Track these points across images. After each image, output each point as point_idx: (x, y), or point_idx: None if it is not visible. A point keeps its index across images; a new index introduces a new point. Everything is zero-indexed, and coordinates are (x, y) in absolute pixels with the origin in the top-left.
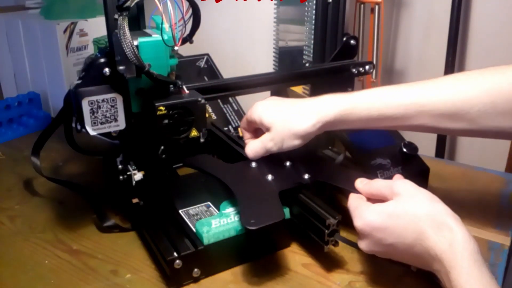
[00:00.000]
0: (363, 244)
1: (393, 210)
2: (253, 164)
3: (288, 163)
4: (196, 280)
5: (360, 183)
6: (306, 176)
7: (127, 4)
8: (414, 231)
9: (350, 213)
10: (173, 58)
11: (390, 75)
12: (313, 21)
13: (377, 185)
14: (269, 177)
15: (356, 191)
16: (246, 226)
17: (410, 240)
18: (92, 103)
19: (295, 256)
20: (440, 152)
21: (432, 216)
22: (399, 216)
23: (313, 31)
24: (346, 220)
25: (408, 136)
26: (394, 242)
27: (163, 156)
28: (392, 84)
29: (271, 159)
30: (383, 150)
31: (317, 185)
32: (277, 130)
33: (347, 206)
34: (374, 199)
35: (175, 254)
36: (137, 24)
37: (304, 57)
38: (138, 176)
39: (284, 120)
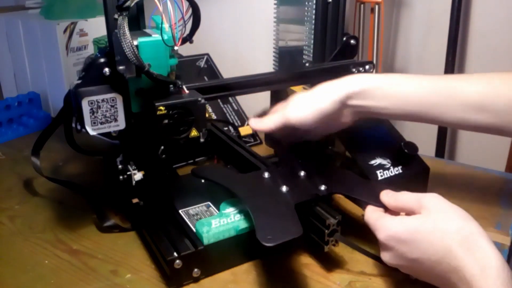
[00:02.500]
0: (386, 256)
1: (421, 224)
2: (266, 175)
3: (302, 173)
4: (196, 280)
5: (386, 195)
6: (323, 188)
7: (127, 4)
8: (442, 248)
9: (370, 225)
10: (173, 58)
11: None
12: (313, 21)
13: (404, 198)
14: (284, 188)
15: (376, 203)
16: (263, 242)
17: (436, 257)
18: (92, 103)
19: (295, 256)
20: (440, 152)
21: (464, 234)
22: (427, 231)
23: (313, 31)
24: (353, 227)
25: (408, 136)
26: (419, 257)
27: (163, 156)
28: None
29: (284, 169)
30: (383, 150)
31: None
32: (294, 101)
33: (365, 218)
34: (396, 212)
35: (175, 254)
36: (137, 24)
37: (304, 57)
38: (138, 176)
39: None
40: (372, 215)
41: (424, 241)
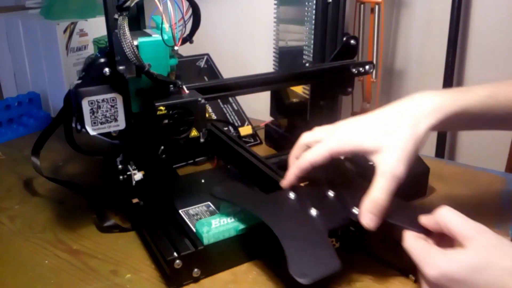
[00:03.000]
0: None
1: (476, 262)
2: (292, 195)
3: (330, 193)
4: (196, 280)
5: (425, 217)
6: (355, 211)
7: (127, 4)
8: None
9: (414, 257)
10: (173, 58)
11: (390, 75)
12: (313, 21)
13: (447, 222)
14: (313, 211)
15: (415, 229)
16: (298, 279)
17: None
18: (92, 103)
19: None
20: (440, 152)
21: None
22: (484, 269)
23: (313, 31)
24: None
25: None
26: None
27: (163, 156)
28: (393, 85)
29: (311, 189)
30: None
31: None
32: (392, 147)
33: (406, 247)
34: (439, 238)
35: (175, 254)
36: (137, 24)
37: (304, 57)
38: (138, 176)
39: (392, 130)
40: (416, 244)
41: (481, 280)
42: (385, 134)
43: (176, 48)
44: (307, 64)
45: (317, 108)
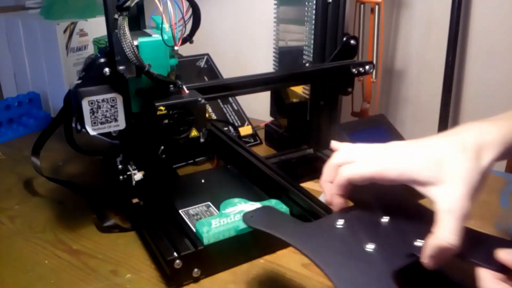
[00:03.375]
0: None
1: None
2: (339, 222)
3: (384, 219)
4: (196, 280)
5: (505, 252)
6: (420, 243)
7: (127, 4)
8: None
9: None
10: (173, 58)
11: (390, 75)
12: (313, 21)
13: None
14: (369, 247)
15: (492, 267)
16: None
17: None
18: (92, 103)
19: (295, 256)
20: None
21: None
22: None
23: (313, 31)
24: None
25: (408, 135)
26: None
27: (163, 156)
28: (393, 85)
29: (361, 213)
30: None
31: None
32: (454, 180)
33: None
34: None
35: (175, 254)
36: (137, 24)
37: (304, 57)
38: (138, 176)
39: (451, 159)
40: (494, 286)
41: None
42: (443, 165)
43: (176, 48)
44: (307, 64)
45: (317, 108)
